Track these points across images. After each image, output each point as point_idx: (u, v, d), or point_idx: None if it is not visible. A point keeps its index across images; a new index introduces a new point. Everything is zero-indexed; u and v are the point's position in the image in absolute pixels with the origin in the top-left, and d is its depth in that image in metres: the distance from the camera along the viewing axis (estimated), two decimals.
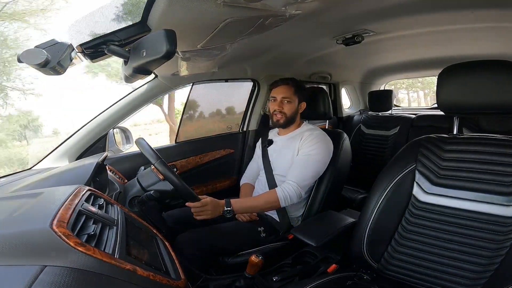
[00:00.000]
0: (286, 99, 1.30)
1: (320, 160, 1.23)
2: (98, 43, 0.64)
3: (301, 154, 1.24)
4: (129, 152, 1.49)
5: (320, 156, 1.23)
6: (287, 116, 1.31)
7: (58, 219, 0.51)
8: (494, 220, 0.77)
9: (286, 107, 1.31)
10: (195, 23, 0.78)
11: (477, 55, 1.81)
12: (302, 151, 1.24)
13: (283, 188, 1.17)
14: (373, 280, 0.96)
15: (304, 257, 1.18)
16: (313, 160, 1.21)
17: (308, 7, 0.92)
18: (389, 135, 2.36)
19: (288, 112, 1.31)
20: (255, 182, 1.48)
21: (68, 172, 0.96)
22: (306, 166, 1.21)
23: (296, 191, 1.17)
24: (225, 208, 1.10)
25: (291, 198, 1.17)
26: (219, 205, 1.09)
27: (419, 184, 0.89)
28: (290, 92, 1.31)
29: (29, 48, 0.59)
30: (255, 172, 1.50)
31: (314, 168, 1.22)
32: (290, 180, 1.19)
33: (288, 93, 1.31)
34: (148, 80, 1.40)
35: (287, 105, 1.31)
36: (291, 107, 1.31)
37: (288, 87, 1.32)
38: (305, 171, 1.20)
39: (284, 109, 1.31)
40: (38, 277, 0.41)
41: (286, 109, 1.31)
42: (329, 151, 1.27)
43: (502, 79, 0.77)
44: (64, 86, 11.27)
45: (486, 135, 0.86)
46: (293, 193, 1.16)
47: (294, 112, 1.33)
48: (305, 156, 1.22)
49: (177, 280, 0.64)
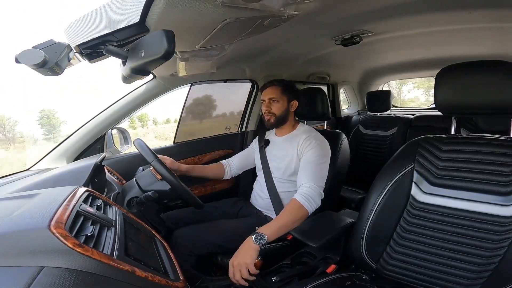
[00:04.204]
0: (273, 99, 1.32)
1: (324, 162, 1.24)
2: (96, 43, 0.64)
3: (306, 160, 1.22)
4: (127, 153, 1.49)
5: (323, 159, 1.23)
6: (276, 115, 1.33)
7: (56, 220, 0.51)
8: (492, 220, 0.77)
9: (274, 107, 1.32)
10: (193, 24, 0.78)
11: (474, 56, 1.82)
12: (305, 156, 1.23)
13: (301, 193, 1.12)
14: (372, 280, 0.96)
15: (303, 258, 1.18)
16: (319, 163, 1.21)
17: (306, 7, 0.92)
18: (387, 136, 2.37)
19: (277, 112, 1.33)
20: (228, 168, 1.51)
21: (66, 173, 0.96)
22: (314, 168, 1.20)
23: (316, 190, 1.13)
24: (256, 240, 0.98)
25: (314, 199, 1.11)
26: (243, 245, 0.99)
27: (417, 184, 0.89)
28: (277, 92, 1.33)
29: (27, 48, 0.59)
30: (236, 162, 1.52)
31: (321, 169, 1.22)
32: (304, 183, 1.15)
33: (274, 93, 1.32)
34: (147, 80, 1.40)
35: (275, 105, 1.32)
36: (280, 107, 1.33)
37: (275, 87, 1.34)
38: (315, 173, 1.19)
39: (272, 109, 1.32)
40: (36, 278, 0.40)
41: (274, 109, 1.32)
42: (329, 153, 1.28)
43: (499, 79, 0.77)
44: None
45: (483, 135, 0.87)
46: (313, 193, 1.12)
47: (284, 111, 1.34)
48: (310, 159, 1.21)
49: (176, 281, 0.64)
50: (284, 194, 1.32)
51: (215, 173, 1.48)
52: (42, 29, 35.97)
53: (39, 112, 8.31)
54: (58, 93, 12.35)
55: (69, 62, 0.66)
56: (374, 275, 0.97)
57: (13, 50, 10.71)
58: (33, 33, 34.49)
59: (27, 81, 10.17)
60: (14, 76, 15.45)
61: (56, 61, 0.61)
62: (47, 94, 10.15)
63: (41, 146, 8.14)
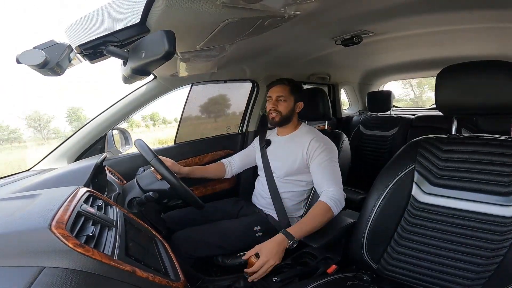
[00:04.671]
0: (281, 98, 1.32)
1: (336, 162, 1.24)
2: (97, 44, 0.64)
3: (319, 163, 1.22)
4: (128, 153, 1.49)
5: (334, 158, 1.24)
6: (282, 114, 1.33)
7: (57, 220, 0.51)
8: (493, 220, 0.77)
9: (281, 105, 1.32)
10: (194, 24, 0.78)
11: (475, 56, 1.82)
12: (317, 159, 1.22)
13: (328, 196, 1.11)
14: (373, 280, 0.96)
15: (304, 258, 1.17)
16: (332, 164, 1.22)
17: (307, 8, 0.92)
18: (388, 136, 2.37)
19: (283, 111, 1.33)
20: (229, 167, 1.51)
21: (67, 173, 0.96)
22: (330, 170, 1.20)
23: (340, 192, 1.14)
24: (289, 242, 0.98)
25: (340, 201, 1.11)
26: (279, 244, 0.96)
27: (418, 184, 0.89)
28: (285, 91, 1.33)
29: (28, 49, 0.59)
30: (238, 161, 1.53)
31: (336, 169, 1.22)
32: (328, 188, 1.15)
33: (283, 92, 1.32)
34: (147, 81, 1.40)
35: (282, 104, 1.32)
36: (286, 106, 1.33)
37: (284, 86, 1.34)
38: (333, 174, 1.19)
39: (279, 108, 1.32)
40: (37, 278, 0.40)
41: (281, 107, 1.32)
42: (337, 153, 1.29)
43: (501, 79, 0.77)
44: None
45: (484, 136, 0.86)
46: (340, 196, 1.12)
47: (290, 111, 1.34)
48: (323, 162, 1.21)
49: (176, 281, 0.64)
50: (285, 194, 1.32)
51: (216, 173, 1.49)
52: (42, 29, 36.16)
53: (67, 109, 8.51)
54: (58, 93, 12.49)
55: (70, 63, 0.66)
56: (375, 276, 0.97)
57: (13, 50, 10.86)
58: (33, 33, 34.66)
59: (27, 81, 10.32)
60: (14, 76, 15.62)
61: (57, 61, 0.61)
62: (47, 94, 10.28)
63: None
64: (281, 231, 1.00)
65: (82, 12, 0.65)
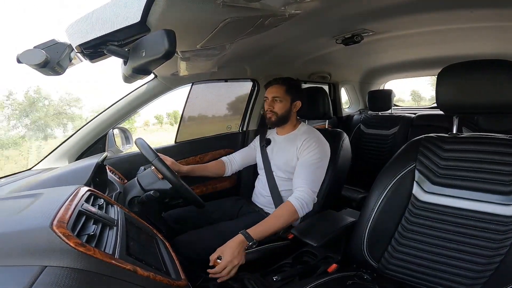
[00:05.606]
0: (276, 98, 1.32)
1: (321, 166, 1.24)
2: (97, 43, 0.64)
3: (303, 162, 1.22)
4: (128, 153, 1.49)
5: (321, 162, 1.24)
6: (278, 115, 1.33)
7: (58, 219, 0.51)
8: (494, 219, 0.77)
9: (276, 106, 1.32)
10: (194, 23, 0.78)
11: (476, 55, 1.81)
12: (303, 158, 1.23)
13: (297, 197, 1.13)
14: (373, 279, 0.96)
15: (304, 257, 1.18)
16: (316, 166, 1.22)
17: (307, 6, 0.92)
18: (388, 135, 2.36)
19: (279, 111, 1.32)
20: (229, 164, 1.50)
21: (68, 173, 0.96)
22: (311, 171, 1.20)
23: (310, 196, 1.14)
24: (248, 243, 0.99)
25: (308, 204, 1.13)
26: (238, 244, 0.97)
27: (419, 183, 0.89)
28: (281, 91, 1.32)
29: (28, 48, 0.59)
30: (238, 159, 1.52)
31: (318, 173, 1.22)
32: (300, 186, 1.16)
33: (278, 92, 1.32)
34: (148, 80, 1.40)
35: (278, 104, 1.32)
36: (282, 106, 1.32)
37: (279, 86, 1.33)
38: (312, 176, 1.19)
39: (274, 108, 1.32)
40: (39, 278, 0.41)
41: (276, 108, 1.32)
42: (328, 155, 1.28)
43: (502, 78, 0.77)
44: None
45: (485, 135, 0.86)
46: (308, 198, 1.13)
47: (286, 111, 1.34)
48: (307, 162, 1.22)
49: (177, 280, 0.64)
50: (285, 192, 1.32)
51: (215, 171, 1.48)
52: (42, 29, 35.98)
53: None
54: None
55: (70, 62, 0.66)
56: (376, 275, 0.97)
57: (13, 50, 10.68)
58: (33, 33, 34.51)
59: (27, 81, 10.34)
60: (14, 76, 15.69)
61: (58, 61, 0.61)
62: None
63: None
64: (241, 232, 1.02)
65: (82, 12, 0.65)
